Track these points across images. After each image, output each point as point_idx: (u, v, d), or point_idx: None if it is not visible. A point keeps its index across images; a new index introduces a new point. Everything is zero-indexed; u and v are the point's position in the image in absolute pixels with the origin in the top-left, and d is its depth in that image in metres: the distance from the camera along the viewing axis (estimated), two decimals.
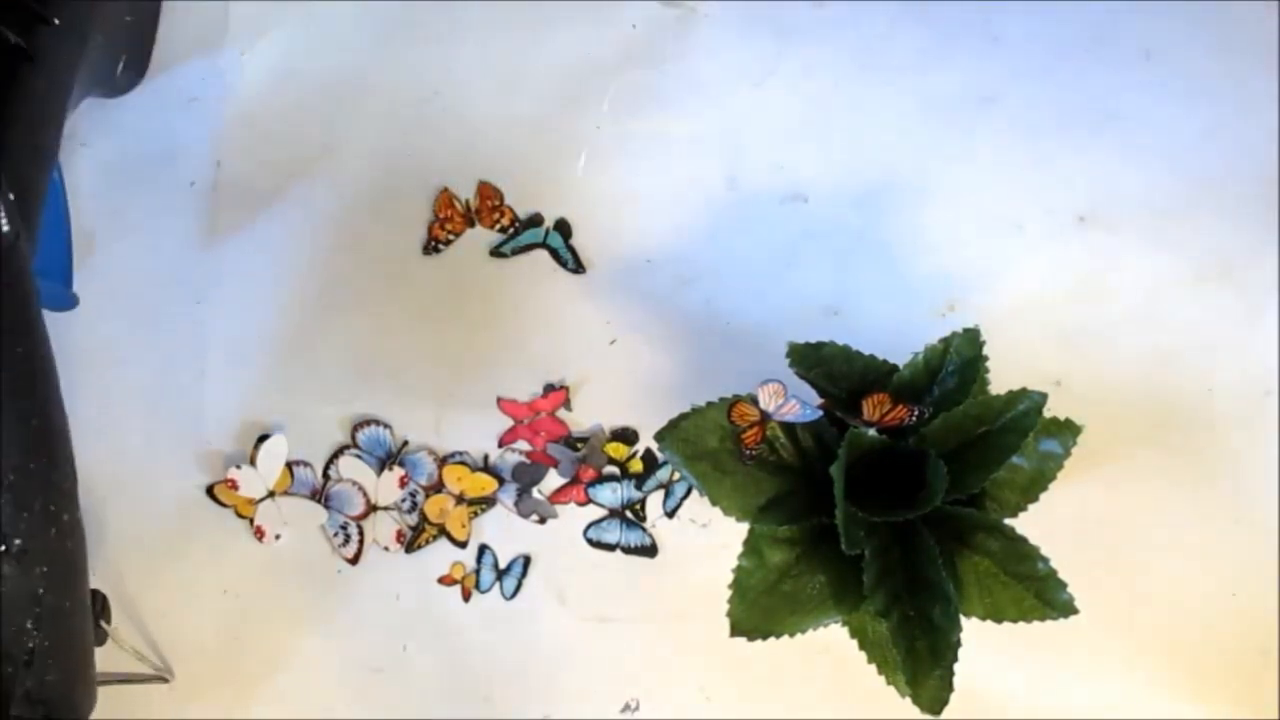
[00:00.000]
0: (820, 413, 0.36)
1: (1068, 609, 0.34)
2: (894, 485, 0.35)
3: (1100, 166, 0.45)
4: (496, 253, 0.45)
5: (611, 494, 0.43)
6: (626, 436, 0.44)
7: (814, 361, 0.36)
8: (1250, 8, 0.45)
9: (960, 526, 0.35)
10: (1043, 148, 0.45)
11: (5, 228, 0.33)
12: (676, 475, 0.44)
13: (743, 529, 0.36)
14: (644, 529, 0.43)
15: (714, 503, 0.36)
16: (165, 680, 0.43)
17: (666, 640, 0.43)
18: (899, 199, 0.45)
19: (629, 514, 0.43)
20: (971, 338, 0.35)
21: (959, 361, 0.35)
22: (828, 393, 0.37)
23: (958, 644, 0.34)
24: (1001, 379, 0.38)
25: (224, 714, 0.43)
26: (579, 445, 0.44)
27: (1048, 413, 0.35)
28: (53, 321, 0.36)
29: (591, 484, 0.44)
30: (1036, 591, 0.34)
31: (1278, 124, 0.42)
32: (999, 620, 0.35)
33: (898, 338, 0.44)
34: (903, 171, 0.45)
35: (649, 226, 0.45)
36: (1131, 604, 0.42)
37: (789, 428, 0.37)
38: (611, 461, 0.44)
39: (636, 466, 0.44)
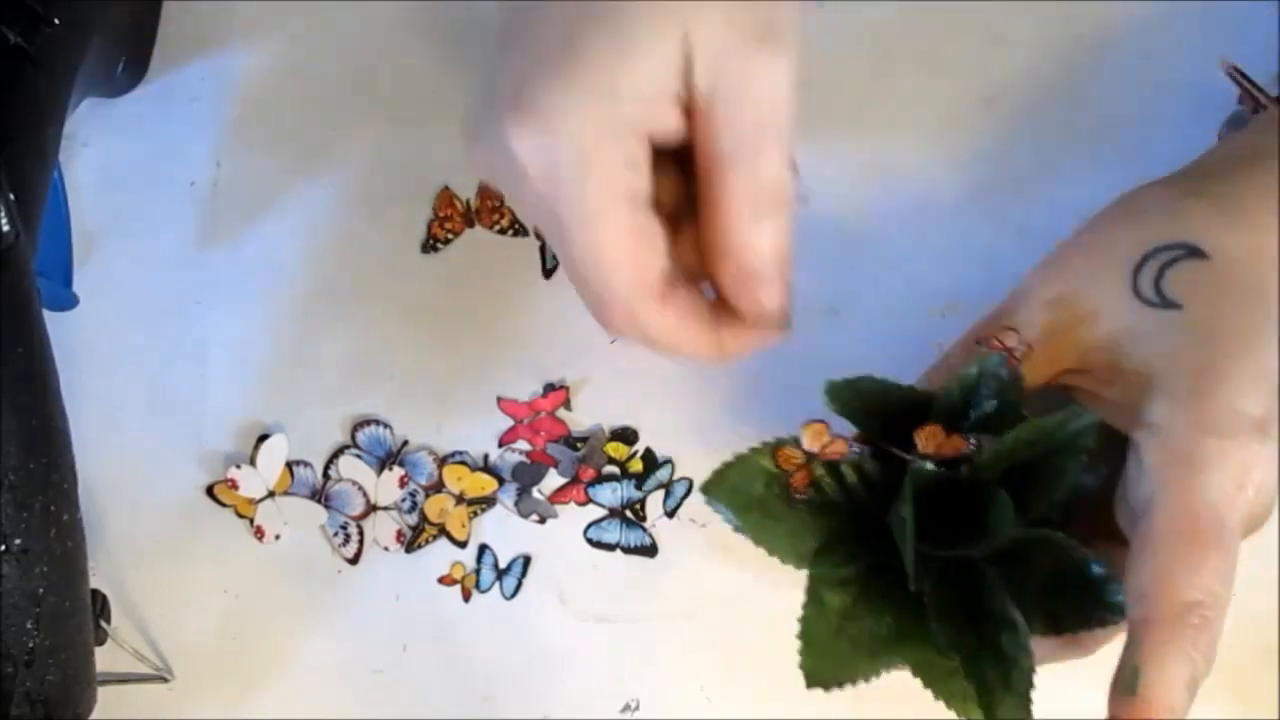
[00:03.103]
0: (866, 449, 0.35)
1: (1124, 610, 0.33)
2: (945, 514, 0.34)
3: (1100, 166, 0.45)
4: (550, 274, 0.45)
5: (611, 494, 0.43)
6: (626, 436, 0.44)
7: (851, 397, 0.35)
8: (1250, 8, 0.45)
9: (1011, 544, 0.34)
10: (1043, 148, 0.45)
11: (5, 228, 0.33)
12: (677, 475, 0.44)
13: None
14: (644, 529, 0.43)
15: (770, 553, 0.35)
16: (165, 680, 0.43)
17: (666, 640, 0.43)
18: (899, 199, 0.45)
19: (629, 514, 0.43)
20: (999, 361, 0.35)
21: (995, 385, 0.35)
22: (867, 426, 0.36)
23: (1031, 670, 0.32)
24: None
25: (224, 714, 0.43)
26: (579, 445, 0.44)
27: None
28: (53, 321, 0.36)
29: (591, 484, 0.44)
30: (1094, 599, 0.33)
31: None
32: (1059, 633, 0.34)
33: (897, 337, 0.44)
34: (903, 171, 0.45)
35: None
36: None
37: (833, 465, 0.36)
38: (611, 461, 0.44)
39: (636, 466, 0.44)
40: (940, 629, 0.34)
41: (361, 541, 0.44)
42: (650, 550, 0.43)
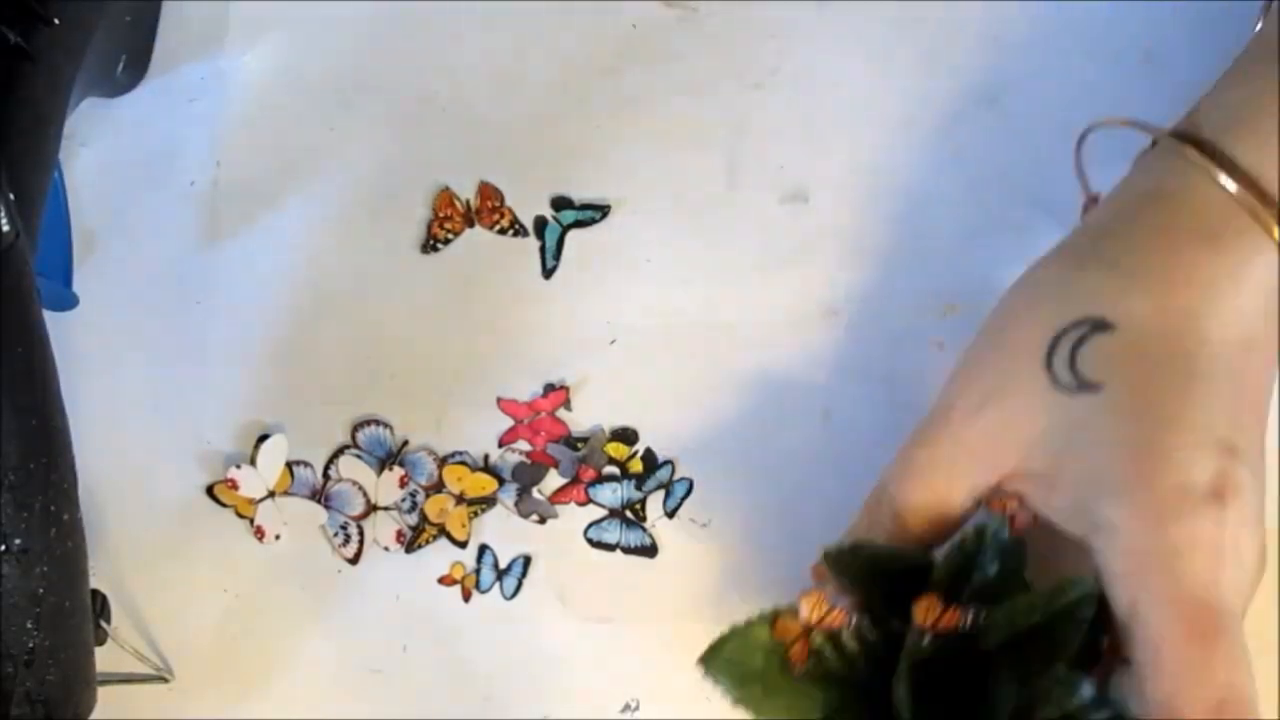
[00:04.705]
0: (866, 617, 0.34)
1: None
2: (948, 682, 0.33)
3: (1100, 167, 0.45)
4: (550, 274, 0.45)
5: (611, 494, 0.43)
6: (626, 436, 0.44)
7: (850, 562, 0.34)
8: (1250, 8, 0.45)
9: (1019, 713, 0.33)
10: (1043, 148, 0.45)
11: (5, 227, 0.33)
12: (677, 475, 0.44)
13: (743, 529, 0.36)
14: (644, 529, 0.43)
15: None
16: (165, 680, 0.43)
17: (666, 640, 0.43)
18: (899, 199, 0.45)
19: (629, 514, 0.43)
20: (1000, 522, 0.33)
21: (997, 547, 0.33)
22: (867, 593, 0.35)
23: None
24: None
25: (224, 714, 0.43)
26: (579, 445, 0.44)
27: None
28: (53, 321, 0.36)
29: (591, 484, 0.44)
30: None
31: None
32: None
33: (898, 337, 0.44)
34: (903, 171, 0.45)
35: (649, 227, 0.45)
36: None
37: (834, 634, 0.35)
38: (611, 461, 0.44)
39: (636, 466, 0.44)
40: None
41: (361, 541, 0.44)
42: (650, 550, 0.43)
